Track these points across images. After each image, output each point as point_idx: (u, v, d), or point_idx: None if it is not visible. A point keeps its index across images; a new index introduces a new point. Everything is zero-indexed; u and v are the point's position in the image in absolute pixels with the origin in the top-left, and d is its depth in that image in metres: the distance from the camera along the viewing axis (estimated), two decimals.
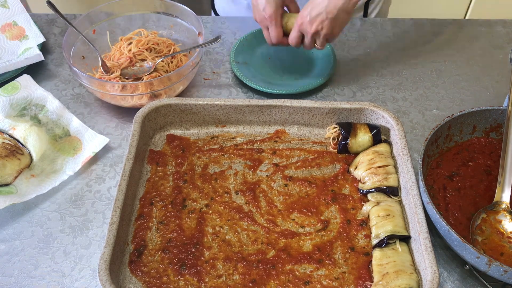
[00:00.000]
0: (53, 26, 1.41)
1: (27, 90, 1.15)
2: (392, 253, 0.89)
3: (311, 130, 1.11)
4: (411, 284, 0.83)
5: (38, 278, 0.90)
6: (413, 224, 0.90)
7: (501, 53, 1.36)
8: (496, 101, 1.23)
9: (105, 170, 1.07)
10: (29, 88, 1.15)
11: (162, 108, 1.08)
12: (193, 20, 1.25)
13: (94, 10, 1.24)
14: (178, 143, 1.09)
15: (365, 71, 1.30)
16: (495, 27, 1.44)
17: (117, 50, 1.24)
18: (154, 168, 1.04)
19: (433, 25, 1.44)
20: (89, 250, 0.94)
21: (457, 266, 0.93)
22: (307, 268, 0.90)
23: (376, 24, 1.44)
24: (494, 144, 1.06)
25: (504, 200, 0.94)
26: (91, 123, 1.16)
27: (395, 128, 1.04)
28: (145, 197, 0.99)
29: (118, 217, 0.89)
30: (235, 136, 1.11)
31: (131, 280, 0.88)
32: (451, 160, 1.03)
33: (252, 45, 1.33)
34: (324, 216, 0.98)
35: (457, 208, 0.96)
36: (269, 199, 1.00)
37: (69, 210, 1.00)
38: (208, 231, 0.95)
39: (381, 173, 0.99)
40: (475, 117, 1.03)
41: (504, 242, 0.91)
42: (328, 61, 1.28)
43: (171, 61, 1.23)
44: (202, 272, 0.89)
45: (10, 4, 1.33)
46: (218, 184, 1.02)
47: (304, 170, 1.05)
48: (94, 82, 1.10)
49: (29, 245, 0.95)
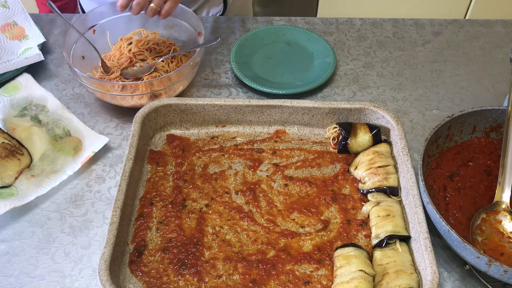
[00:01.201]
0: (53, 26, 1.41)
1: (27, 90, 1.15)
2: (392, 253, 0.89)
3: (311, 130, 1.11)
4: (411, 284, 0.83)
5: (38, 278, 0.90)
6: (413, 224, 0.90)
7: (501, 53, 1.36)
8: (496, 101, 1.23)
9: (105, 170, 1.07)
10: (29, 88, 1.16)
11: (162, 108, 1.08)
12: (193, 20, 1.25)
13: (94, 10, 1.24)
14: (178, 143, 1.09)
15: (365, 71, 1.30)
16: (495, 27, 1.44)
17: (117, 50, 1.24)
18: (154, 168, 1.04)
19: (433, 25, 1.44)
20: (89, 250, 0.94)
21: (457, 266, 0.93)
22: (307, 268, 0.90)
23: (376, 24, 1.44)
24: (494, 144, 1.06)
25: (504, 200, 0.94)
26: (91, 123, 1.16)
27: (395, 128, 1.04)
28: (145, 197, 0.99)
29: (118, 217, 0.89)
30: (235, 136, 1.11)
31: (131, 280, 0.88)
32: (451, 160, 1.03)
33: (252, 45, 1.33)
34: (324, 216, 0.98)
35: (457, 208, 0.96)
36: (269, 199, 1.00)
37: (69, 210, 1.00)
38: (208, 231, 0.95)
39: (381, 173, 0.99)
40: (475, 117, 1.03)
41: (504, 242, 0.91)
42: (328, 61, 1.28)
43: (171, 61, 1.23)
44: (202, 272, 0.89)
45: (10, 4, 1.33)
46: (218, 184, 1.02)
47: (304, 170, 1.05)
48: (94, 82, 1.10)
49: (29, 245, 0.95)
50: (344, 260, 0.87)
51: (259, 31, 1.36)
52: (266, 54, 1.32)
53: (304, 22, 1.43)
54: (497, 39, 1.40)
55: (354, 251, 0.88)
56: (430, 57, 1.35)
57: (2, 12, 1.32)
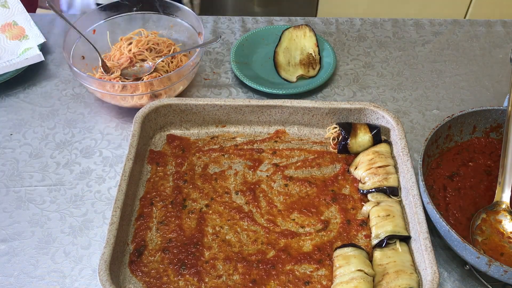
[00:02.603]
0: (53, 26, 1.41)
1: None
2: (392, 253, 0.89)
3: (311, 130, 1.11)
4: (411, 284, 0.83)
5: (38, 278, 0.90)
6: (413, 224, 0.90)
7: (501, 53, 1.36)
8: (496, 101, 1.23)
9: (105, 170, 1.07)
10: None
11: (162, 108, 1.08)
12: (193, 20, 1.25)
13: (94, 10, 1.24)
14: (178, 143, 1.09)
15: (365, 71, 1.30)
16: (495, 27, 1.44)
17: (117, 50, 1.24)
18: (154, 168, 1.04)
19: (433, 25, 1.44)
20: (89, 250, 0.94)
21: (457, 266, 0.93)
22: (307, 268, 0.90)
23: (376, 24, 1.44)
24: (494, 144, 1.06)
25: (504, 200, 0.94)
26: (91, 123, 1.16)
27: (395, 128, 1.04)
28: (145, 197, 0.99)
29: (118, 217, 0.89)
30: (235, 136, 1.11)
31: (131, 280, 0.88)
32: (451, 160, 1.03)
33: (252, 45, 1.33)
34: (324, 216, 0.98)
35: (457, 208, 0.96)
36: (269, 199, 1.00)
37: (69, 210, 1.00)
38: (208, 231, 0.95)
39: (381, 173, 0.99)
40: (475, 117, 1.03)
41: (504, 242, 0.91)
42: (328, 61, 1.28)
43: (171, 61, 1.23)
44: (202, 272, 0.89)
45: (10, 4, 1.33)
46: (218, 184, 1.02)
47: (304, 170, 1.05)
48: (94, 82, 1.10)
49: (29, 245, 0.95)
50: (343, 260, 0.87)
51: (259, 31, 1.36)
52: (266, 54, 1.32)
53: (304, 22, 1.43)
54: (497, 39, 1.40)
55: (354, 251, 0.88)
56: (430, 57, 1.35)
57: (2, 12, 1.33)
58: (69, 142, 1.12)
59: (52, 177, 1.06)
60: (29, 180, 1.05)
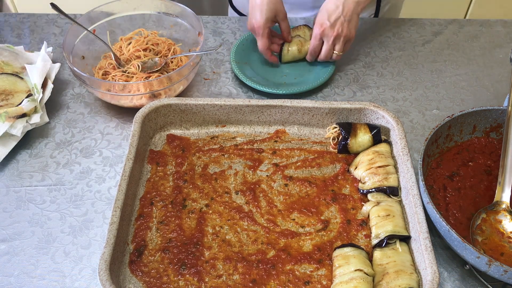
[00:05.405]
0: (53, 26, 1.41)
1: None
2: (392, 253, 0.89)
3: (311, 130, 1.11)
4: (411, 284, 0.83)
5: (38, 278, 0.90)
6: (413, 224, 0.90)
7: (501, 53, 1.36)
8: (496, 101, 1.23)
9: (105, 170, 1.07)
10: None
11: (162, 108, 1.08)
12: (193, 20, 1.25)
13: (94, 10, 1.24)
14: (178, 143, 1.09)
15: (365, 71, 1.30)
16: (495, 27, 1.44)
17: (117, 50, 1.24)
18: (154, 168, 1.04)
19: (433, 25, 1.44)
20: (89, 250, 0.94)
21: (457, 266, 0.93)
22: (307, 268, 0.90)
23: (376, 24, 1.44)
24: (494, 144, 1.06)
25: (504, 200, 0.94)
26: (91, 123, 1.16)
27: (395, 128, 1.04)
28: (145, 197, 0.99)
29: (118, 217, 0.89)
30: (235, 136, 1.11)
31: (131, 280, 0.88)
32: (451, 160, 1.03)
33: (252, 45, 1.33)
34: (324, 216, 0.98)
35: (457, 208, 0.96)
36: (269, 199, 1.00)
37: (69, 210, 1.00)
38: (208, 231, 0.95)
39: (381, 173, 0.99)
40: (475, 117, 1.03)
41: (504, 242, 0.91)
42: (328, 61, 1.28)
43: (171, 61, 1.23)
44: (202, 272, 0.89)
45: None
46: (218, 184, 1.02)
47: (304, 170, 1.05)
48: (94, 82, 1.10)
49: (29, 245, 0.95)
50: (343, 260, 0.87)
51: None
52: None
53: (304, 22, 1.43)
54: (497, 39, 1.40)
55: (353, 251, 0.88)
56: (430, 57, 1.35)
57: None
58: (69, 142, 1.12)
59: (52, 177, 1.06)
60: (29, 180, 1.05)
